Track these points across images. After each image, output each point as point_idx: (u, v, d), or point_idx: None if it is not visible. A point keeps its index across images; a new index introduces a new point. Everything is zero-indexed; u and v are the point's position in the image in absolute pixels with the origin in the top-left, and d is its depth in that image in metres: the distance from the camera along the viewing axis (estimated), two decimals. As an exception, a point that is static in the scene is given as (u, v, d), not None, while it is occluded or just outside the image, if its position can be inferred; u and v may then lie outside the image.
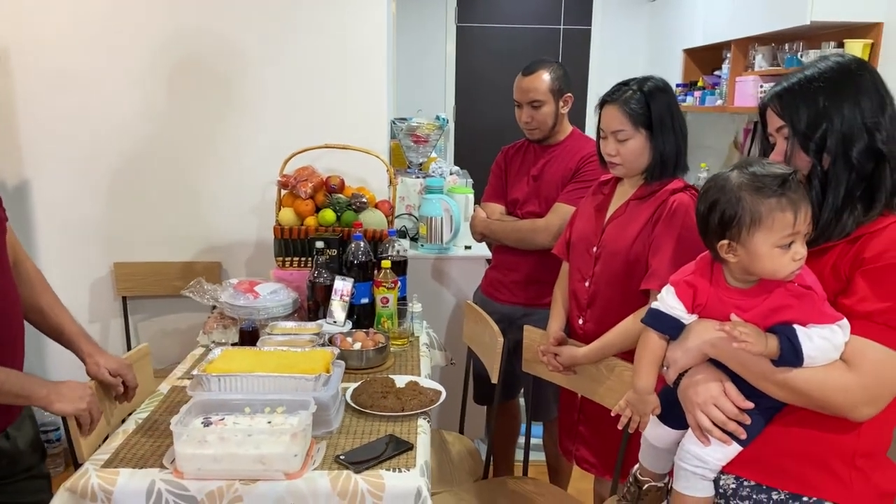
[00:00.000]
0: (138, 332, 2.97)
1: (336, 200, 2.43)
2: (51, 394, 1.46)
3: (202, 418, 1.49)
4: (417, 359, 2.08)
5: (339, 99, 2.79)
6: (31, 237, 2.80)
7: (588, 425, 1.96)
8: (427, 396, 1.75)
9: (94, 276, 2.88)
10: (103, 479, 1.40)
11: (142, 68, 2.72)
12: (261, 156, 2.76)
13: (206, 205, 2.86)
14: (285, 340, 1.96)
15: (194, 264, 2.88)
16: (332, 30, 2.74)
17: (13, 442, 1.52)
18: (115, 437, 1.58)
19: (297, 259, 2.41)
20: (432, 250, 2.86)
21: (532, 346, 2.03)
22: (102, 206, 2.82)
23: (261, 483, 1.39)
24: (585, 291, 1.88)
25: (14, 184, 2.75)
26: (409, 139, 3.13)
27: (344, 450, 1.52)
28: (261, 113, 2.79)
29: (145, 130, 2.78)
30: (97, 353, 1.65)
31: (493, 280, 2.49)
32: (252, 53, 2.74)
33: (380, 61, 2.79)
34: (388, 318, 2.17)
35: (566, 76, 2.32)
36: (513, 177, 2.46)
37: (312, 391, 1.56)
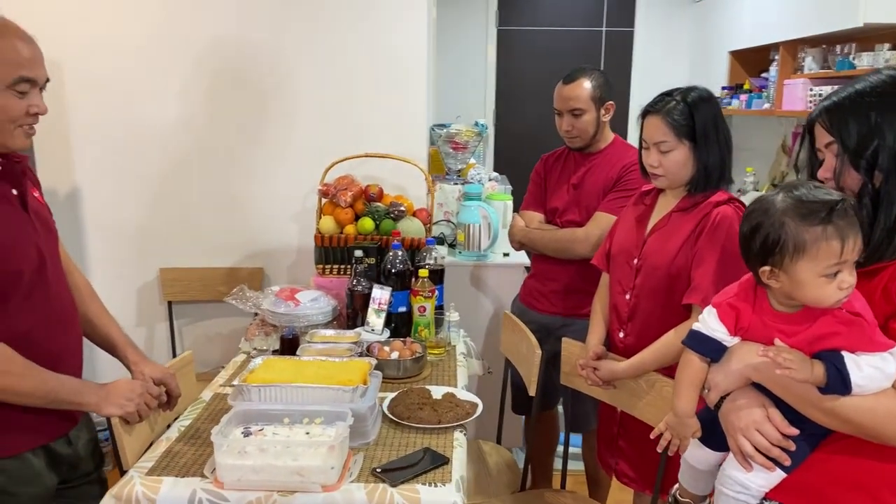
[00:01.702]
0: (183, 335, 3.04)
1: (375, 209, 2.44)
2: (100, 400, 1.51)
3: (242, 428, 1.51)
4: (454, 368, 2.08)
5: (380, 107, 2.80)
6: (82, 243, 2.88)
7: (628, 439, 1.93)
8: (463, 409, 1.74)
9: (142, 281, 2.96)
10: (147, 487, 1.43)
11: (188, 78, 2.78)
12: (303, 164, 2.80)
13: (250, 212, 2.91)
14: (324, 349, 1.98)
15: (238, 270, 2.93)
16: (372, 39, 2.76)
17: (75, 447, 1.57)
18: (159, 444, 1.61)
19: (337, 267, 2.43)
20: (470, 257, 2.85)
21: (570, 359, 2.01)
22: (149, 213, 2.89)
23: (299, 495, 1.41)
24: (626, 304, 1.86)
25: (65, 192, 2.84)
26: (448, 146, 3.13)
27: (380, 461, 1.53)
28: (302, 122, 2.82)
29: (191, 139, 2.84)
30: (142, 361, 1.68)
31: (532, 289, 2.47)
32: (295, 63, 2.78)
33: (419, 69, 2.80)
34: (426, 326, 2.17)
35: (608, 84, 2.29)
36: (552, 185, 2.44)
37: (350, 402, 1.57)
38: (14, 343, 1.37)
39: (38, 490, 1.48)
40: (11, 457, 1.42)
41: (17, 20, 1.43)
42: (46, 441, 1.49)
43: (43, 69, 1.41)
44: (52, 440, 1.50)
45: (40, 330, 1.45)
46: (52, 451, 1.50)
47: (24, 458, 1.44)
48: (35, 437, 1.46)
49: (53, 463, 1.51)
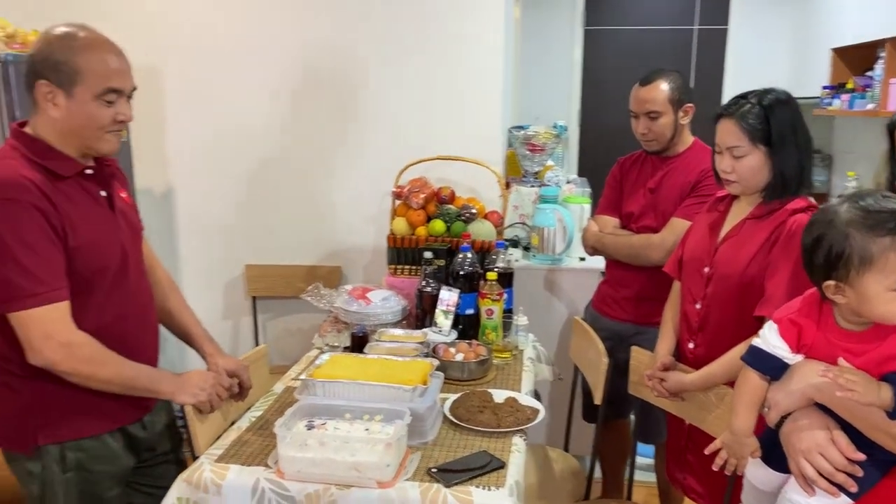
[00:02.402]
0: (266, 329, 3.17)
1: (446, 211, 2.47)
2: (175, 388, 1.61)
3: (306, 421, 1.57)
4: (520, 373, 2.07)
5: (455, 109, 2.83)
6: (174, 239, 3.06)
7: (696, 454, 1.86)
8: (524, 414, 1.73)
9: (228, 276, 3.11)
10: (215, 474, 1.50)
11: (274, 83, 2.91)
12: (380, 166, 2.86)
13: (330, 212, 3.00)
14: (392, 348, 2.02)
15: (317, 268, 3.03)
16: (450, 42, 2.79)
17: (150, 430, 1.68)
18: (230, 433, 1.70)
19: (409, 267, 2.47)
20: (544, 261, 2.83)
21: (639, 369, 1.97)
22: (237, 212, 3.04)
23: (355, 489, 1.44)
24: (696, 314, 1.80)
25: (161, 191, 3.03)
26: (525, 148, 3.11)
27: (437, 462, 1.55)
28: (381, 124, 2.89)
29: (275, 141, 2.96)
30: (217, 354, 1.78)
31: (605, 295, 2.43)
32: (374, 66, 2.85)
33: (496, 71, 2.80)
34: (493, 330, 2.18)
35: (686, 85, 2.22)
36: (628, 189, 2.38)
37: (409, 402, 1.60)
38: (97, 334, 1.48)
39: (115, 469, 1.59)
40: (90, 437, 1.54)
41: (117, 30, 1.55)
42: (122, 424, 1.60)
43: (130, 80, 1.51)
44: (127, 424, 1.61)
45: (121, 322, 1.55)
46: (128, 434, 1.62)
47: (102, 439, 1.56)
48: (112, 421, 1.57)
49: (130, 445, 1.63)
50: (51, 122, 1.45)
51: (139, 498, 1.73)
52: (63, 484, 1.52)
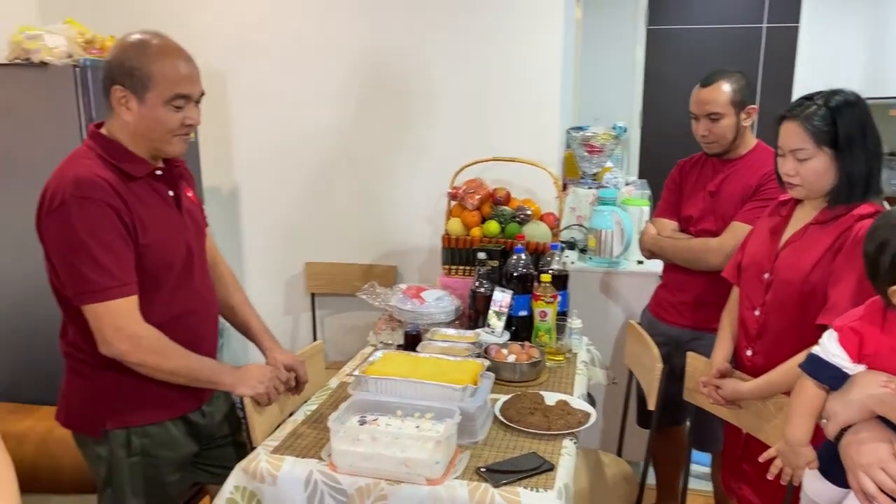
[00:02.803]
0: (324, 325, 3.25)
1: (501, 212, 2.47)
2: (235, 381, 1.67)
3: (359, 417, 1.60)
4: (572, 376, 2.06)
5: (512, 110, 2.83)
6: (239, 237, 3.17)
7: (753, 464, 1.81)
8: (575, 417, 1.73)
9: (289, 273, 3.20)
10: (271, 464, 1.55)
11: (335, 86, 2.97)
12: (438, 166, 2.88)
13: (388, 212, 3.05)
14: (444, 347, 2.03)
15: (374, 267, 3.08)
16: (508, 43, 2.79)
17: (209, 418, 1.76)
18: (286, 425, 1.75)
19: (463, 268, 2.49)
20: (601, 264, 2.80)
21: (694, 375, 1.93)
22: (298, 211, 3.12)
23: (405, 485, 1.47)
24: (755, 321, 1.75)
25: (227, 190, 3.14)
26: (583, 149, 3.09)
27: (486, 461, 1.56)
28: (439, 125, 2.91)
29: (335, 142, 3.02)
30: (276, 348, 1.84)
31: (662, 300, 2.39)
32: (432, 68, 2.88)
33: (554, 71, 2.79)
34: (546, 332, 2.17)
35: (749, 86, 2.16)
36: (688, 192, 2.34)
37: (459, 401, 1.61)
38: (162, 328, 1.55)
39: (176, 455, 1.67)
40: (154, 424, 1.62)
41: (187, 35, 1.62)
42: (183, 413, 1.67)
43: (198, 85, 1.58)
44: (188, 412, 1.68)
45: (184, 317, 1.63)
46: (189, 422, 1.69)
47: (165, 426, 1.64)
48: (174, 410, 1.65)
49: (191, 432, 1.70)
50: (124, 125, 1.53)
51: (203, 476, 1.82)
52: (128, 467, 1.60)
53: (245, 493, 1.56)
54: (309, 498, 1.51)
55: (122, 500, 1.62)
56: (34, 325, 2.35)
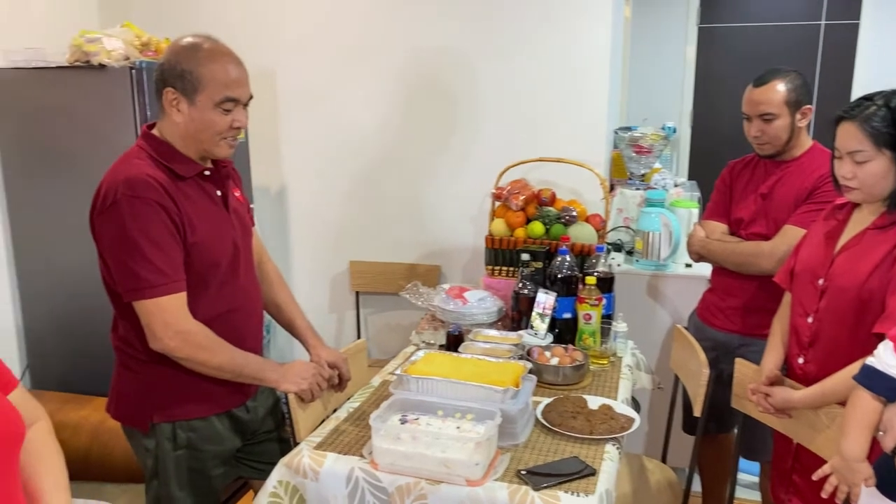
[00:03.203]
0: (368, 324, 3.27)
1: (545, 213, 2.45)
2: (279, 377, 1.70)
3: (400, 415, 1.61)
4: (617, 380, 2.03)
5: (559, 111, 2.81)
6: (286, 235, 3.22)
7: (803, 476, 1.76)
8: (618, 422, 1.70)
9: (334, 272, 3.24)
10: (313, 460, 1.58)
11: (381, 86, 3.00)
12: (481, 167, 2.88)
13: (431, 212, 3.06)
14: (486, 348, 2.03)
15: (417, 266, 3.10)
16: (555, 43, 2.77)
17: (253, 412, 1.79)
18: (329, 422, 1.77)
19: (506, 269, 2.48)
20: (648, 266, 2.75)
21: (743, 382, 1.88)
22: (343, 210, 3.16)
23: (444, 485, 1.47)
24: (808, 328, 1.70)
25: (275, 189, 3.19)
26: (631, 150, 3.04)
27: (527, 464, 1.55)
28: (484, 126, 2.91)
29: (381, 142, 3.05)
30: (320, 346, 1.86)
31: (710, 304, 2.34)
32: (478, 68, 2.87)
33: (602, 71, 2.76)
34: (590, 335, 2.14)
35: (805, 86, 2.10)
36: (738, 194, 2.28)
37: (500, 403, 1.61)
38: (208, 325, 1.58)
39: (221, 449, 1.71)
40: (199, 418, 1.66)
41: (238, 37, 1.65)
42: (228, 408, 1.71)
43: (247, 89, 1.61)
44: (233, 408, 1.72)
45: (230, 314, 1.66)
46: (234, 417, 1.73)
47: (210, 421, 1.68)
48: (219, 405, 1.69)
49: (236, 427, 1.74)
50: (175, 126, 1.57)
51: (246, 471, 1.85)
52: (174, 460, 1.64)
53: (288, 488, 1.59)
54: (350, 494, 1.52)
55: (168, 491, 1.66)
56: (89, 319, 2.43)
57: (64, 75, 2.44)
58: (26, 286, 2.66)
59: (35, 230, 2.60)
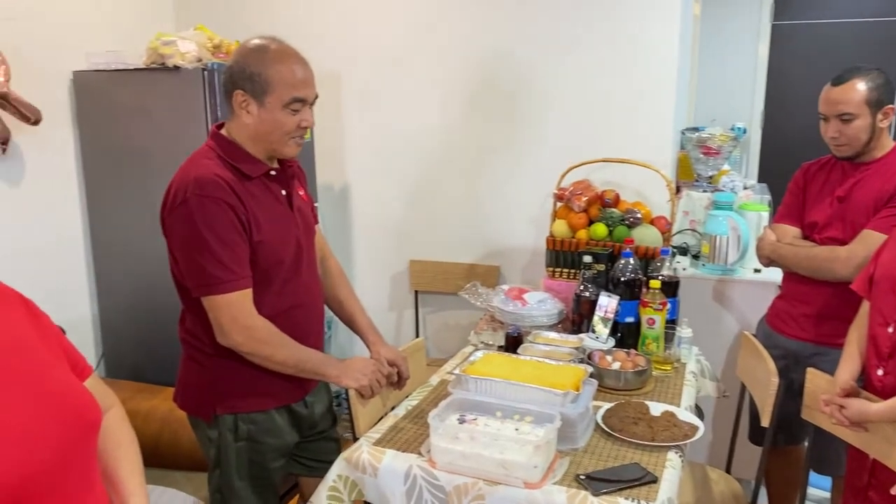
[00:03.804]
0: (426, 322, 3.29)
1: (609, 215, 2.41)
2: (340, 373, 1.72)
3: (458, 415, 1.61)
4: (680, 387, 1.98)
5: (624, 110, 2.76)
6: (349, 234, 3.27)
7: (880, 492, 1.68)
8: (681, 430, 1.66)
9: (394, 270, 3.27)
10: (372, 456, 1.59)
11: (443, 87, 3.01)
12: (544, 167, 2.86)
13: (492, 212, 3.05)
14: (546, 350, 2.01)
15: (476, 266, 3.09)
16: (619, 42, 2.73)
17: (310, 409, 1.82)
18: (387, 419, 1.78)
19: (567, 270, 2.45)
20: (715, 271, 2.67)
21: (814, 393, 1.81)
22: (404, 209, 3.18)
23: (502, 487, 1.46)
24: (888, 338, 1.61)
25: (338, 189, 3.25)
26: (699, 151, 2.96)
27: (586, 469, 1.52)
28: (545, 125, 2.88)
29: (443, 142, 3.06)
30: (379, 343, 1.88)
31: (780, 311, 2.25)
32: (540, 67, 2.85)
33: (670, 70, 2.70)
34: (654, 340, 2.10)
35: (888, 85, 2.00)
36: (812, 197, 2.19)
37: (560, 406, 1.59)
38: (272, 320, 1.62)
39: (280, 442, 1.74)
40: (260, 411, 1.70)
41: (304, 38, 1.69)
42: (287, 403, 1.74)
43: (313, 89, 1.64)
44: (292, 403, 1.75)
45: (292, 311, 1.69)
46: (293, 412, 1.76)
47: (270, 414, 1.71)
48: (278, 399, 1.72)
49: (294, 422, 1.77)
50: (244, 127, 1.61)
51: (298, 468, 1.89)
52: (235, 451, 1.69)
53: (347, 483, 1.61)
54: (408, 492, 1.53)
55: (229, 481, 1.71)
56: (160, 312, 2.52)
57: (140, 77, 2.54)
58: (102, 279, 2.78)
59: (111, 225, 2.72)
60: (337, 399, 3.05)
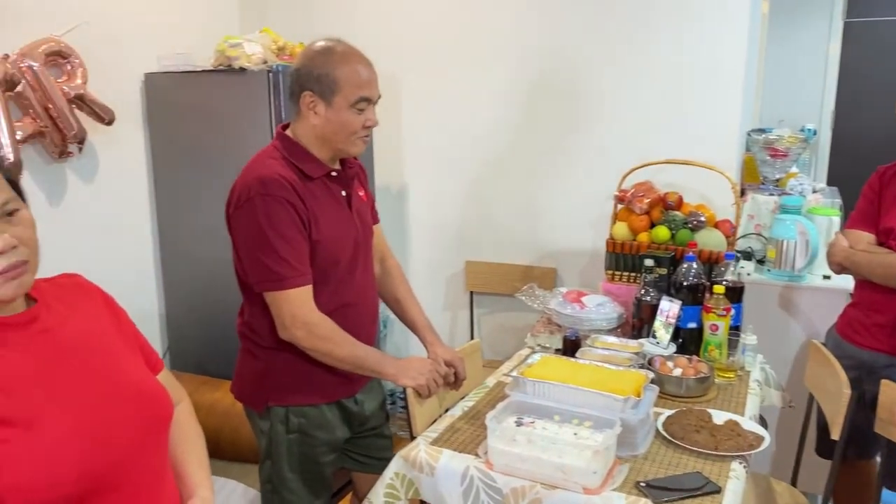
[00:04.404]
0: (481, 324, 3.28)
1: (672, 218, 2.36)
2: (397, 371, 1.73)
3: (516, 418, 1.60)
4: (744, 396, 1.92)
5: (687, 110, 2.70)
6: (406, 234, 3.29)
7: (961, 514, 1.60)
8: (746, 440, 1.61)
9: (450, 270, 3.27)
10: (429, 455, 1.60)
11: (501, 88, 3.00)
12: (602, 168, 2.82)
13: (548, 213, 3.03)
14: (605, 355, 1.98)
15: (533, 268, 3.07)
16: (685, 39, 2.67)
17: (361, 406, 1.84)
18: (444, 419, 1.79)
19: (627, 274, 2.41)
20: (781, 277, 2.59)
21: (890, 405, 1.73)
22: (460, 209, 3.18)
23: (560, 491, 1.45)
24: (971, 350, 1.53)
25: (396, 189, 3.27)
26: (766, 153, 2.87)
27: (646, 476, 1.50)
28: (605, 126, 2.85)
29: (499, 143, 3.05)
30: (437, 343, 1.89)
31: (852, 319, 2.16)
32: (601, 67, 2.81)
33: (737, 69, 2.63)
34: (717, 347, 2.04)
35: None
36: (888, 202, 2.10)
37: (620, 412, 1.56)
38: (330, 317, 1.64)
39: (330, 437, 1.77)
40: (311, 405, 1.73)
41: (363, 39, 1.71)
42: (338, 398, 1.77)
43: (377, 88, 1.66)
44: (343, 398, 1.78)
45: (346, 309, 1.71)
46: (343, 407, 1.79)
47: (321, 409, 1.74)
48: (329, 395, 1.75)
49: (344, 417, 1.80)
50: (310, 127, 1.64)
51: (350, 464, 1.92)
52: (286, 443, 1.72)
53: (404, 481, 1.62)
54: (465, 492, 1.53)
55: (279, 472, 1.74)
56: (223, 308, 2.57)
57: (208, 78, 2.61)
58: (168, 275, 2.88)
59: (178, 223, 2.81)
60: (391, 398, 3.09)
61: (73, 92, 2.36)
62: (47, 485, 0.86)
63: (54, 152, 2.39)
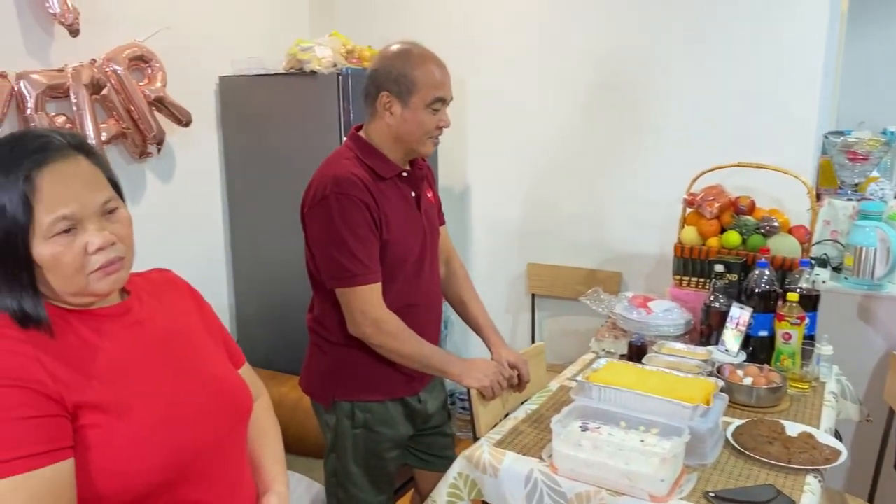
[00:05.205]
0: (542, 327, 3.27)
1: (743, 222, 2.30)
2: (462, 372, 1.75)
3: (580, 422, 1.59)
4: (819, 408, 1.85)
5: (760, 112, 2.63)
6: (469, 236, 3.31)
7: None
8: (821, 453, 1.56)
9: (512, 273, 3.27)
10: (493, 457, 1.60)
11: (565, 88, 2.98)
12: (670, 171, 2.76)
13: (613, 217, 2.99)
14: (672, 362, 1.94)
15: (597, 272, 3.04)
16: (758, 39, 2.60)
17: (424, 404, 1.86)
18: (507, 421, 1.79)
19: (696, 280, 2.35)
20: (859, 286, 2.48)
21: (979, 423, 1.64)
22: (523, 212, 3.18)
23: (626, 498, 1.43)
24: None
25: (459, 191, 3.29)
26: (844, 156, 2.76)
27: (715, 486, 1.46)
28: (671, 128, 2.80)
29: (563, 145, 3.03)
30: (501, 345, 1.89)
31: (937, 331, 2.06)
32: (669, 69, 2.76)
33: (814, 72, 2.54)
34: (790, 356, 1.98)
35: None
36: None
37: (689, 420, 1.53)
38: (397, 315, 1.67)
39: (394, 433, 1.80)
40: (376, 401, 1.76)
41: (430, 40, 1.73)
42: (402, 396, 1.79)
43: (450, 89, 1.70)
44: (406, 396, 1.80)
45: (411, 308, 1.74)
46: (406, 404, 1.81)
47: (386, 405, 1.77)
48: (394, 392, 1.78)
49: (408, 414, 1.82)
50: (385, 127, 1.67)
51: (413, 460, 1.95)
52: (351, 438, 1.76)
53: (467, 481, 1.63)
54: (528, 495, 1.53)
55: (344, 466, 1.78)
56: (291, 304, 2.66)
57: (280, 81, 2.68)
58: (239, 271, 2.97)
59: (249, 221, 2.89)
60: (451, 398, 3.11)
61: (153, 95, 2.46)
62: (136, 471, 0.90)
63: (135, 153, 2.50)
